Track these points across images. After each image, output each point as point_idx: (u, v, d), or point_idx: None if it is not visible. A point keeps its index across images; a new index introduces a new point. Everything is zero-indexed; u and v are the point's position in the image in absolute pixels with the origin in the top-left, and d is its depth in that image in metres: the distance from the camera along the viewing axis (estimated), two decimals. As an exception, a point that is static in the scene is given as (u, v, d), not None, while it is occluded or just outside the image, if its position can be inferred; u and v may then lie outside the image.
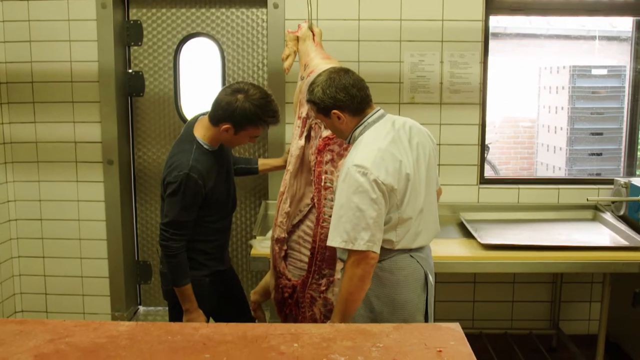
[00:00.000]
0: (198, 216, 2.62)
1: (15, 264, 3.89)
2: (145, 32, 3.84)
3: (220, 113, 2.54)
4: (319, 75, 2.36)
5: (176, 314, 2.72)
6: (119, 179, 3.79)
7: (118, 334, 1.86)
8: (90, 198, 3.81)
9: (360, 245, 2.17)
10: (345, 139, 2.41)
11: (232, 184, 2.82)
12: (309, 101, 2.38)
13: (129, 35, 3.83)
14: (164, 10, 3.82)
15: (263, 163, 3.13)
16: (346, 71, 2.34)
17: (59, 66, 3.70)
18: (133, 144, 3.96)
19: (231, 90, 2.54)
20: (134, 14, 3.84)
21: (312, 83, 2.36)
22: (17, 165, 3.81)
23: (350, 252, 2.21)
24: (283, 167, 3.03)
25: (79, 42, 3.67)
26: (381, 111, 2.37)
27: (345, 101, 2.29)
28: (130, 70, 3.87)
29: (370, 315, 2.34)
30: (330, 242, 2.24)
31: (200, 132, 2.62)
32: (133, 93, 3.90)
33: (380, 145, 2.23)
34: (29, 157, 3.80)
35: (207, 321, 2.77)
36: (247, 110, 2.50)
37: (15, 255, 3.88)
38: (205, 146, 2.61)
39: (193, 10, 3.81)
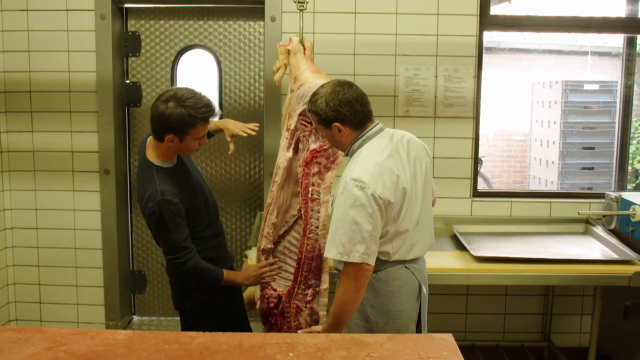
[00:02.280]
0: (190, 230, 2.62)
1: (10, 273, 3.89)
2: (143, 44, 3.87)
3: (158, 127, 2.49)
4: (323, 86, 2.38)
5: (188, 322, 2.76)
6: (115, 189, 3.81)
7: (116, 342, 1.87)
8: (86, 207, 3.82)
9: (355, 258, 2.21)
10: (343, 150, 2.44)
11: (206, 186, 2.78)
12: (310, 111, 2.40)
13: (127, 46, 3.86)
14: (162, 21, 3.85)
15: None
16: (350, 85, 2.36)
17: (57, 76, 3.72)
18: (130, 154, 3.98)
19: (160, 102, 2.49)
20: (132, 25, 3.87)
21: (315, 94, 2.37)
22: (14, 174, 3.82)
23: (346, 263, 2.25)
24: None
25: (78, 52, 3.70)
26: (380, 125, 2.40)
27: (347, 115, 2.31)
28: (127, 81, 3.91)
29: (366, 325, 2.37)
30: (327, 254, 2.28)
31: (153, 154, 2.58)
32: (130, 103, 3.93)
33: (377, 160, 2.26)
34: (25, 166, 3.81)
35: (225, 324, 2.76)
36: (181, 114, 2.44)
37: (10, 264, 3.89)
38: (163, 166, 2.57)
39: (191, 22, 3.85)
